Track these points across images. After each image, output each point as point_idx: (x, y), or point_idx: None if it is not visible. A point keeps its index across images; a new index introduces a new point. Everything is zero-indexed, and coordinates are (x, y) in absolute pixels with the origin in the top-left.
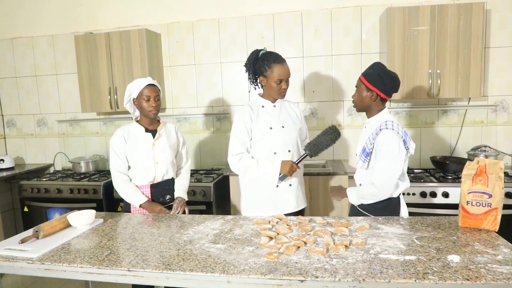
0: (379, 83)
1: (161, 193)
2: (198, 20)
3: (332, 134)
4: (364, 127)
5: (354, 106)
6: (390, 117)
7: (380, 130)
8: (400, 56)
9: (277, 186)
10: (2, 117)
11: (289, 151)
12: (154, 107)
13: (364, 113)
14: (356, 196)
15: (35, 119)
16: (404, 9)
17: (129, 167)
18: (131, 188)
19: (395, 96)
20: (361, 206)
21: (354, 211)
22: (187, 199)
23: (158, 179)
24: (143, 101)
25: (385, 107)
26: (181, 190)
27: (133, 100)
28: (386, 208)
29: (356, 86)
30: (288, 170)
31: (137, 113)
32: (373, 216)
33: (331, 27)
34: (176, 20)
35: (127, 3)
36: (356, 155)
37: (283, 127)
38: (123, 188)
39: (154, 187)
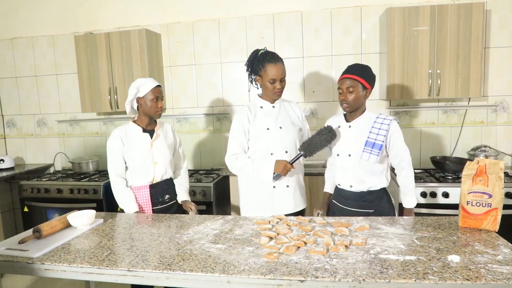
0: (373, 82)
1: (160, 193)
2: (198, 20)
3: (326, 135)
4: (348, 127)
5: (346, 107)
6: (375, 111)
7: (391, 121)
8: (400, 56)
9: (274, 187)
10: (2, 117)
11: (286, 152)
12: (161, 108)
13: None
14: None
15: (35, 119)
16: (404, 9)
17: (127, 168)
18: (127, 194)
19: (395, 96)
20: (358, 205)
21: (344, 212)
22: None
23: (157, 179)
24: (151, 101)
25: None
26: (185, 193)
27: (137, 98)
28: (383, 198)
29: (348, 87)
30: (281, 170)
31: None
32: (373, 216)
33: (331, 27)
34: (176, 20)
35: (127, 3)
36: (350, 155)
37: (280, 127)
38: (120, 193)
39: (153, 187)
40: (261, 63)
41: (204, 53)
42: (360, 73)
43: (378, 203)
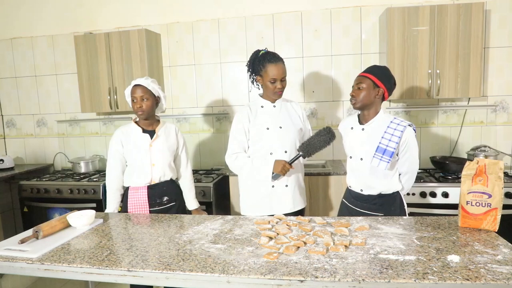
0: (386, 82)
1: (158, 194)
2: (198, 20)
3: (325, 136)
4: (361, 129)
5: (354, 103)
6: (391, 115)
7: (404, 127)
8: (400, 56)
9: (273, 186)
10: (2, 117)
11: (286, 151)
12: (139, 107)
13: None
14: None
15: (34, 119)
16: (403, 9)
17: (126, 166)
18: (115, 197)
19: (395, 96)
20: (368, 207)
21: (353, 213)
22: (198, 205)
23: (155, 181)
24: (132, 103)
25: (381, 108)
26: (193, 201)
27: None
28: (394, 203)
29: (358, 83)
30: (280, 170)
31: None
32: (373, 216)
33: (331, 27)
34: (176, 20)
35: (127, 3)
36: (361, 159)
37: (280, 127)
38: (108, 191)
39: (151, 188)
40: (261, 63)
41: (204, 53)
42: (372, 71)
43: (388, 207)
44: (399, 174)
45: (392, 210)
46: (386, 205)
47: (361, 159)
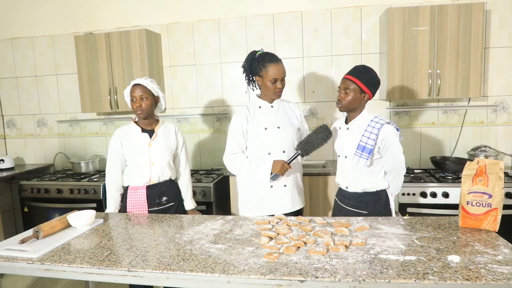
0: (372, 87)
1: (157, 194)
2: (198, 20)
3: (323, 133)
4: (346, 129)
5: (340, 106)
6: (373, 114)
7: (382, 125)
8: (400, 56)
9: (271, 186)
10: (2, 117)
11: (284, 151)
12: (138, 107)
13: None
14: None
15: (35, 119)
16: (404, 9)
17: (126, 166)
18: (115, 197)
19: (395, 96)
20: (353, 204)
21: (342, 211)
22: (195, 206)
23: (154, 181)
24: (131, 102)
25: (365, 108)
26: (190, 201)
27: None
28: (379, 201)
29: (345, 87)
30: (279, 169)
31: None
32: (373, 216)
33: (331, 27)
34: (176, 20)
35: (127, 3)
36: (346, 157)
37: (278, 127)
38: (107, 191)
39: (150, 188)
40: (262, 63)
41: (204, 53)
42: (360, 76)
43: (373, 206)
44: (385, 173)
45: (377, 209)
46: (370, 203)
47: (346, 157)
